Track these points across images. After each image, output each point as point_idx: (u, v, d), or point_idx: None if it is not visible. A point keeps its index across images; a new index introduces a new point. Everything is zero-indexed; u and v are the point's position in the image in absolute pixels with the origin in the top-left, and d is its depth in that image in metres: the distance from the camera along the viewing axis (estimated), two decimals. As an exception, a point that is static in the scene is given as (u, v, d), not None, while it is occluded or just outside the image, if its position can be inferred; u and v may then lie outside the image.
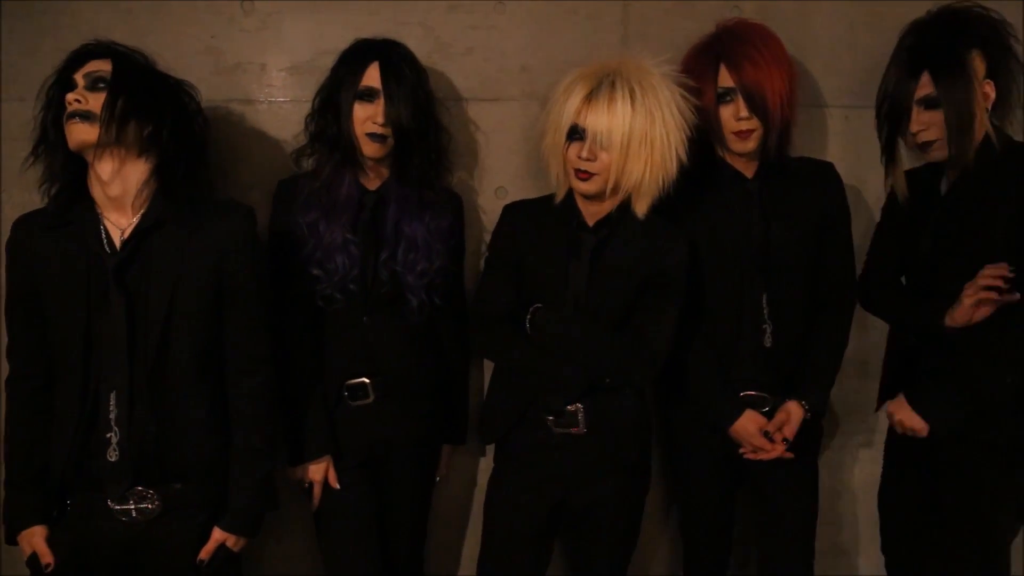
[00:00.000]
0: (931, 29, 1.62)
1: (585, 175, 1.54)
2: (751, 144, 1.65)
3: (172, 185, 1.43)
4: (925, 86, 1.58)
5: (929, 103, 1.58)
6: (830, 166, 1.78)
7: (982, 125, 1.59)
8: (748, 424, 1.69)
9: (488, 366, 1.95)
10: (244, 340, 1.48)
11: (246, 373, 1.49)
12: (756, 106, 1.61)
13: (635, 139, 1.50)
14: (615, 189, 1.56)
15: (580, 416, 1.62)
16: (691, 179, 1.69)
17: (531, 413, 1.66)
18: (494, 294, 1.69)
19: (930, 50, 1.59)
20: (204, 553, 1.45)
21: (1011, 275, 1.51)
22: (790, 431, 1.68)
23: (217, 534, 1.46)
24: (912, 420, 1.64)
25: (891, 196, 1.79)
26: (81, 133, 1.36)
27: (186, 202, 1.43)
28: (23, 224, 1.44)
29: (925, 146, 1.62)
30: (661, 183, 1.56)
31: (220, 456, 1.48)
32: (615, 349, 1.60)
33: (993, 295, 1.52)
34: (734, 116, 1.63)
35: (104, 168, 1.38)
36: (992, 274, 1.52)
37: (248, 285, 1.46)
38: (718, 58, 1.64)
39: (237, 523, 1.48)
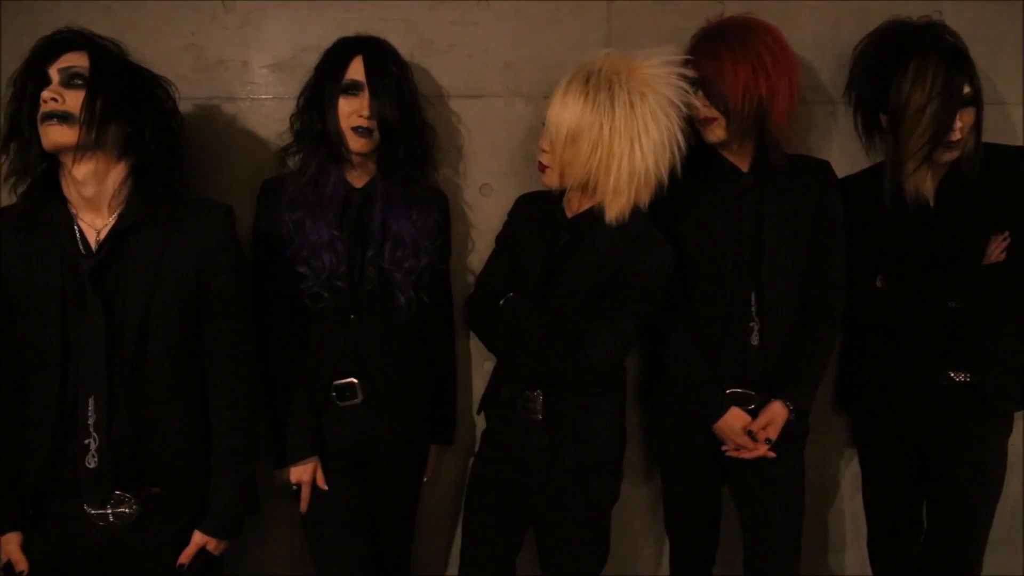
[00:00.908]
0: (941, 37, 1.69)
1: (541, 166, 1.58)
2: (717, 133, 1.66)
3: (149, 185, 1.39)
4: (966, 86, 1.65)
5: (967, 102, 1.65)
6: (827, 165, 1.78)
7: None
8: (733, 422, 1.70)
9: (477, 366, 1.97)
10: (225, 342, 1.45)
11: (227, 376, 1.46)
12: (713, 96, 1.63)
13: (582, 133, 1.48)
14: (563, 183, 1.56)
15: (538, 404, 1.64)
16: (687, 172, 1.70)
17: (503, 394, 1.70)
18: (489, 276, 1.75)
19: (963, 54, 1.67)
20: (184, 557, 1.43)
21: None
22: (774, 431, 1.69)
23: (197, 537, 1.44)
24: None
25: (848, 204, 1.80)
26: (58, 135, 1.30)
27: (163, 202, 1.39)
28: None
29: (951, 146, 1.67)
30: (630, 186, 1.51)
31: (200, 459, 1.45)
32: (550, 349, 1.58)
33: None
34: (701, 105, 1.65)
35: (80, 170, 1.34)
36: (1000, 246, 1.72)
37: (229, 286, 1.43)
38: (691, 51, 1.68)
39: (218, 526, 1.45)
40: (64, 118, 1.30)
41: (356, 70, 1.58)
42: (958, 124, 1.64)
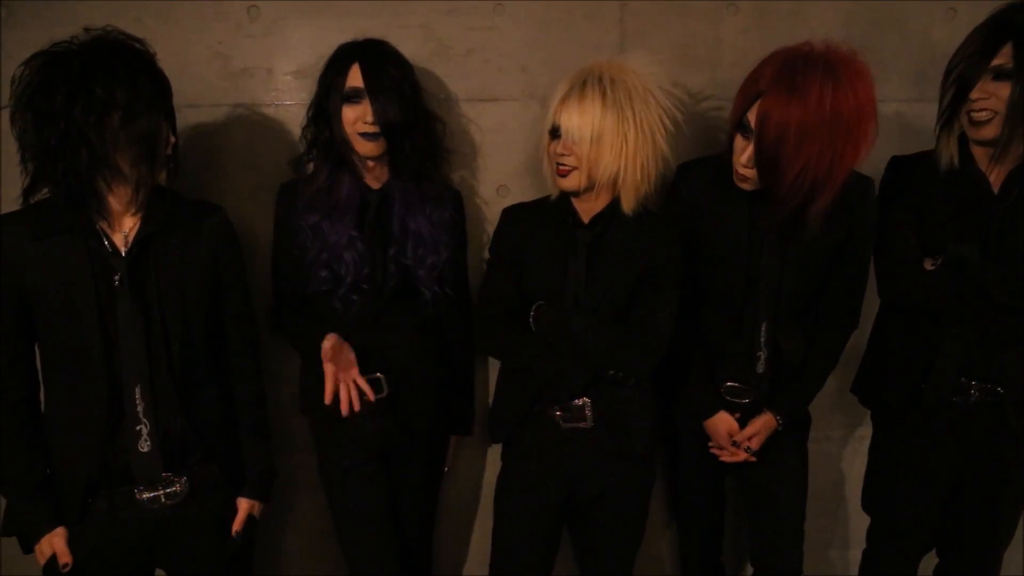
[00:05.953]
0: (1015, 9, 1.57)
1: (564, 170, 1.57)
2: (746, 185, 1.62)
3: (162, 190, 1.48)
4: (1003, 56, 1.54)
5: (1000, 74, 1.55)
6: (869, 182, 1.68)
7: None
8: (719, 425, 1.75)
9: (494, 360, 1.99)
10: (239, 325, 1.60)
11: (242, 355, 1.61)
12: (762, 162, 1.51)
13: (606, 133, 1.52)
14: (592, 183, 1.58)
15: (587, 410, 1.66)
16: (713, 194, 1.69)
17: (537, 409, 1.69)
18: (497, 293, 1.71)
19: (1021, 25, 1.55)
20: (237, 524, 1.57)
21: None
22: (757, 442, 1.74)
23: (244, 504, 1.58)
24: None
25: (893, 183, 1.77)
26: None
27: (172, 202, 1.48)
28: (5, 230, 1.39)
29: (978, 122, 1.59)
30: (644, 179, 1.57)
31: (231, 433, 1.58)
32: (617, 340, 1.62)
33: None
34: (742, 151, 1.57)
35: (121, 184, 1.38)
36: None
37: (239, 276, 1.58)
38: (759, 94, 1.51)
39: (257, 489, 1.61)
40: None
41: (355, 77, 1.60)
42: (983, 95, 1.56)
